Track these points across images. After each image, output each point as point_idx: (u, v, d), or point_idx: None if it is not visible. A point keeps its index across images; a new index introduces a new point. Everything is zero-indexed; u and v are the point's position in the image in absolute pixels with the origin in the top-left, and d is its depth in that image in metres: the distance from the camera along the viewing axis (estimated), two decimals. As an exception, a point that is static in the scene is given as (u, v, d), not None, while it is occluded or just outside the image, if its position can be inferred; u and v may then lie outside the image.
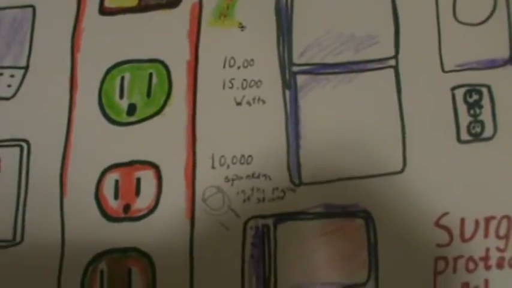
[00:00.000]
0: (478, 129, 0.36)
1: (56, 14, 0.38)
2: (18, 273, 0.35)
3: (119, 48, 0.37)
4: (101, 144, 0.36)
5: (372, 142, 0.36)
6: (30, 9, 0.38)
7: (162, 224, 0.35)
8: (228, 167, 0.35)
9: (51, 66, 0.37)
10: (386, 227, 0.35)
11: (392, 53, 0.37)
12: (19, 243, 0.35)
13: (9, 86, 0.37)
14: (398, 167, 0.36)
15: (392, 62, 0.37)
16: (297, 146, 0.36)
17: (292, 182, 0.35)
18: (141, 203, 0.35)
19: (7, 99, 0.37)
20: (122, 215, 0.35)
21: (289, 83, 0.36)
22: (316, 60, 0.37)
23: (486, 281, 0.35)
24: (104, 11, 0.38)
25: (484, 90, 0.37)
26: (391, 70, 0.37)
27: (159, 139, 0.36)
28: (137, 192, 0.35)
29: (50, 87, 0.36)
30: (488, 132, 0.36)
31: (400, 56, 0.37)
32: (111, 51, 0.37)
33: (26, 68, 0.37)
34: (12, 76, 0.37)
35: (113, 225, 0.35)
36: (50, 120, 0.36)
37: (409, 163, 0.36)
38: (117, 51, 0.37)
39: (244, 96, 0.36)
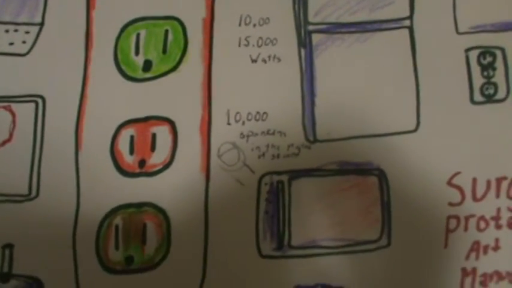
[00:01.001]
0: (491, 91, 0.37)
1: None
2: (33, 227, 0.35)
3: (135, 5, 0.37)
4: (116, 100, 0.36)
5: (386, 101, 0.36)
6: (45, -35, 0.38)
7: (178, 179, 0.35)
8: (243, 123, 0.35)
9: (66, 22, 0.36)
10: (399, 185, 0.35)
11: (407, 13, 0.37)
12: (35, 197, 0.35)
13: (24, 42, 0.37)
14: (412, 126, 0.36)
15: (407, 23, 0.37)
16: (312, 104, 0.36)
17: (307, 139, 0.36)
18: (157, 158, 0.35)
19: (22, 55, 0.36)
20: (137, 170, 0.35)
21: (304, 42, 0.36)
22: (332, 19, 0.37)
23: (497, 240, 0.35)
24: None
25: (498, 52, 0.37)
26: (406, 30, 0.37)
27: (174, 95, 0.36)
28: (152, 147, 0.35)
29: (65, 44, 0.36)
30: (501, 94, 0.37)
31: (414, 17, 0.37)
32: (127, 8, 0.37)
33: (41, 24, 0.37)
34: (27, 32, 0.37)
35: (128, 180, 0.35)
36: (65, 76, 0.36)
37: (422, 123, 0.36)
38: (133, 8, 0.37)
39: (259, 54, 0.36)
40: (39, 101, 0.36)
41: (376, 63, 0.36)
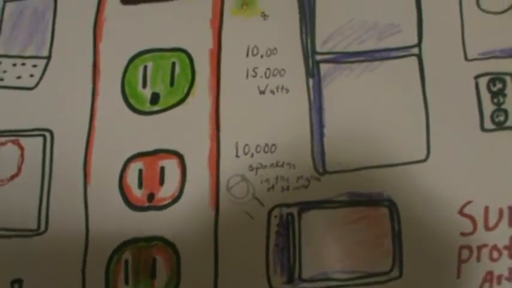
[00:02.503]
0: (502, 118, 0.36)
1: (78, 3, 0.38)
2: (43, 262, 0.35)
3: (141, 37, 0.37)
4: (124, 133, 0.35)
5: (395, 131, 0.36)
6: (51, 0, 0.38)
7: (187, 213, 0.35)
8: (252, 155, 0.35)
9: (73, 55, 0.36)
10: (411, 215, 0.35)
11: (415, 41, 0.36)
12: (43, 232, 0.35)
13: (31, 75, 0.37)
14: (422, 156, 0.35)
15: (415, 50, 0.36)
16: (321, 135, 0.35)
17: (316, 170, 0.35)
18: (166, 191, 0.35)
19: (30, 89, 0.36)
20: (146, 204, 0.35)
21: (312, 72, 0.36)
22: (339, 48, 0.36)
23: (510, 270, 0.35)
24: (125, 0, 0.37)
25: (508, 78, 0.36)
26: (415, 58, 0.36)
27: (182, 128, 0.35)
28: (161, 181, 0.35)
29: (73, 77, 0.36)
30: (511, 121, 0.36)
31: (423, 44, 0.36)
32: (134, 40, 0.37)
33: (48, 57, 0.37)
34: (34, 66, 0.37)
35: (137, 214, 0.35)
36: (73, 109, 0.36)
37: (433, 152, 0.35)
38: (140, 40, 0.37)
39: (267, 85, 0.36)
40: (47, 134, 0.36)
41: (385, 92, 0.36)
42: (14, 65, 0.37)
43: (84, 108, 0.36)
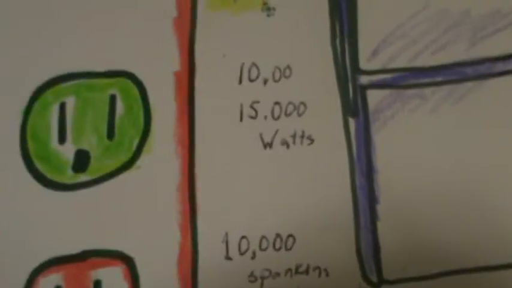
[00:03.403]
0: None
1: None
2: None
3: (56, 54, 0.26)
4: (28, 224, 0.25)
5: (504, 207, 0.25)
6: None
7: None
8: (254, 255, 0.25)
9: None
10: None
11: None
12: None
13: None
14: None
15: None
16: (372, 216, 0.25)
17: (365, 278, 0.25)
18: None
19: None
20: None
21: (354, 106, 0.26)
22: (400, 63, 0.26)
23: None
24: None
25: None
26: None
27: (130, 212, 0.25)
28: None
29: None
30: None
31: None
32: (43, 60, 0.26)
33: None
34: None
35: None
36: None
37: None
38: (53, 59, 0.26)
39: (277, 132, 0.25)
40: None
41: (484, 137, 0.25)
42: None
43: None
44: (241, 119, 0.26)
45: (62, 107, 0.26)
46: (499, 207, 0.25)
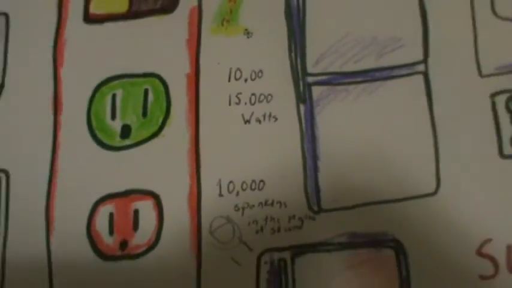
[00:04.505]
0: (523, 142, 0.33)
1: (34, 22, 0.35)
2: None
3: (109, 61, 0.34)
4: (91, 172, 0.33)
5: (400, 160, 0.32)
6: (2, 18, 0.35)
7: (165, 262, 0.32)
8: (238, 193, 0.32)
9: (30, 83, 0.34)
10: (420, 258, 0.32)
11: (420, 56, 0.33)
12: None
13: (-17, 108, 0.34)
14: (432, 188, 0.32)
15: (421, 68, 0.33)
16: (315, 168, 0.33)
17: (310, 208, 0.32)
18: (140, 238, 0.32)
19: (-20, 123, 0.34)
20: (119, 253, 0.32)
21: (303, 96, 0.33)
22: (334, 68, 0.33)
23: (537, 317, 0.32)
24: (89, 18, 0.35)
25: (529, 96, 0.33)
26: (420, 77, 0.33)
27: (158, 165, 0.33)
28: (135, 226, 0.32)
29: (30, 108, 0.34)
30: (534, 145, 0.33)
31: (430, 60, 0.33)
32: (100, 65, 0.34)
33: (1, 86, 0.34)
34: (-14, 97, 0.34)
35: (108, 264, 0.32)
36: (31, 146, 0.33)
37: (443, 183, 0.32)
38: (107, 65, 0.34)
39: (253, 113, 0.33)
40: (2, 175, 0.33)
41: (387, 117, 0.33)
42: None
43: (44, 144, 0.33)
44: (229, 104, 0.33)
45: (114, 96, 0.34)
46: (397, 159, 0.32)
